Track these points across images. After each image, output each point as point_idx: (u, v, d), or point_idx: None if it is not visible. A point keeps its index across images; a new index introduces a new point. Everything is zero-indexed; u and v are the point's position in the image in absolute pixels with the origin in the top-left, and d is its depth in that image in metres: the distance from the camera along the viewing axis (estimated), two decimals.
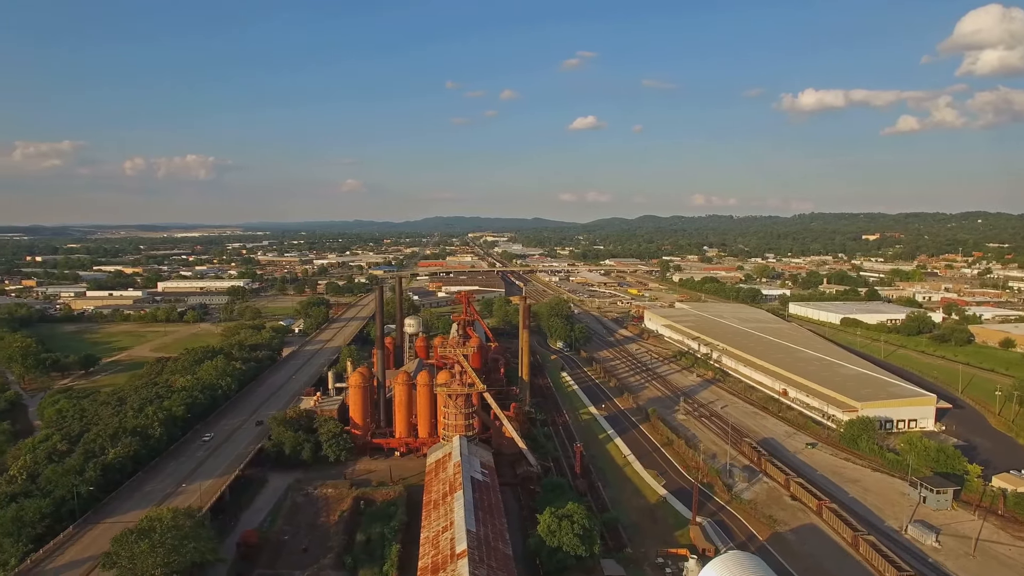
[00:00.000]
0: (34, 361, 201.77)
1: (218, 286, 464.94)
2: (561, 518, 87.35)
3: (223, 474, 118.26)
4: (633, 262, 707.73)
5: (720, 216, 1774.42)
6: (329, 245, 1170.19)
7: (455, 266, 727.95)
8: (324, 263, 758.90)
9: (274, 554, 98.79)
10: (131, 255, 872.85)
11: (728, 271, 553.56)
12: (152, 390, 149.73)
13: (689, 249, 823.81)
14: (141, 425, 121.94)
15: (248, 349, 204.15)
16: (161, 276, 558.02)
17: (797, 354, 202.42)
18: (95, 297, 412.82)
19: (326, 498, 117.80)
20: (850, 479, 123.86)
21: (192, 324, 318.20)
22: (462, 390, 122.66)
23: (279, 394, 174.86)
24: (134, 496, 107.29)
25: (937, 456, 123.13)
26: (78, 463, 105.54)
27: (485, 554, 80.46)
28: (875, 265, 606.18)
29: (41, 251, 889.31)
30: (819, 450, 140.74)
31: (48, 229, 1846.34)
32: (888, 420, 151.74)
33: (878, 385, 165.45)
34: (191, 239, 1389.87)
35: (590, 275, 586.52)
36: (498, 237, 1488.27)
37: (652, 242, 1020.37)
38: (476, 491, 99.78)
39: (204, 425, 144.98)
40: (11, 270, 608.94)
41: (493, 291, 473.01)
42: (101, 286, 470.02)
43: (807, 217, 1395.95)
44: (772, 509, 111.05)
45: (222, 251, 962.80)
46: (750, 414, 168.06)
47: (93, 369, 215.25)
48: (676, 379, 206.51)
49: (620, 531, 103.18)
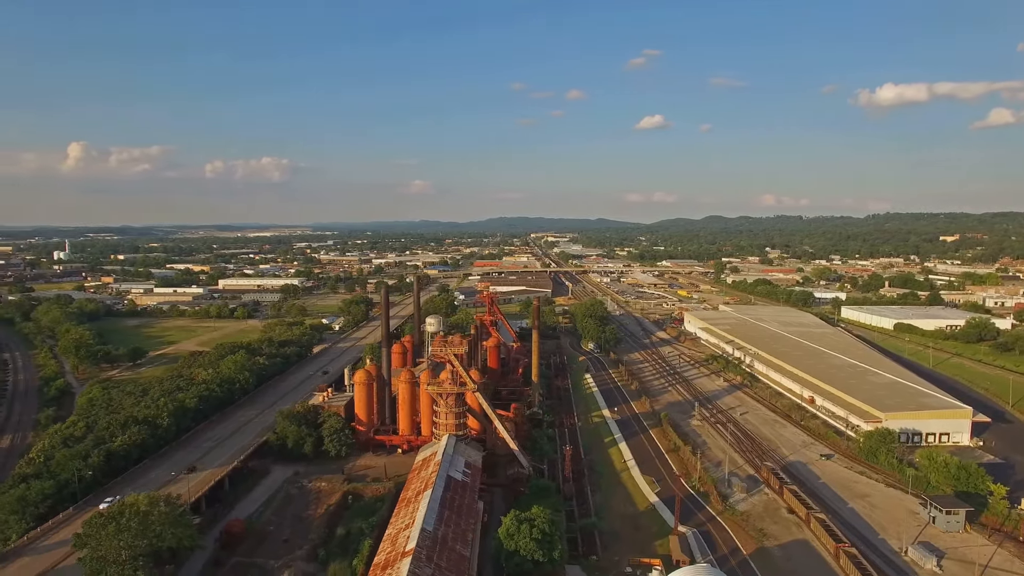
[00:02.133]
0: (86, 353, 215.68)
1: (273, 284, 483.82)
2: (521, 521, 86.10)
3: (224, 465, 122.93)
4: (690, 263, 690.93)
5: (788, 217, 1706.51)
6: (391, 245, 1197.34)
7: (508, 266, 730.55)
8: (382, 262, 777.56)
9: (256, 543, 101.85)
10: (203, 254, 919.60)
11: (786, 273, 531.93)
12: (174, 382, 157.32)
13: (750, 250, 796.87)
14: (151, 415, 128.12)
15: (277, 345, 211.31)
16: (225, 274, 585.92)
17: (830, 360, 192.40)
18: (161, 293, 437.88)
19: (318, 491, 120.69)
20: (859, 494, 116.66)
21: (241, 320, 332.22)
22: (452, 389, 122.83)
23: (300, 389, 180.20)
24: (137, 482, 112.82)
25: (958, 474, 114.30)
26: (86, 448, 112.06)
27: (437, 554, 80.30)
28: (949, 268, 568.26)
29: (125, 250, 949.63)
30: (835, 462, 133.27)
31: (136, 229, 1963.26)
32: (916, 432, 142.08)
33: (909, 395, 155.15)
34: (262, 239, 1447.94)
35: (642, 276, 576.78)
36: (559, 238, 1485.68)
37: (714, 243, 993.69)
38: (450, 490, 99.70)
39: (221, 416, 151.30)
40: (94, 267, 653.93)
41: (539, 291, 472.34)
42: (168, 283, 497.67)
43: (881, 217, 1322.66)
44: (765, 522, 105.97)
45: (287, 250, 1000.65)
46: (769, 422, 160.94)
47: (140, 361, 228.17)
48: (702, 383, 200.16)
49: (595, 538, 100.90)
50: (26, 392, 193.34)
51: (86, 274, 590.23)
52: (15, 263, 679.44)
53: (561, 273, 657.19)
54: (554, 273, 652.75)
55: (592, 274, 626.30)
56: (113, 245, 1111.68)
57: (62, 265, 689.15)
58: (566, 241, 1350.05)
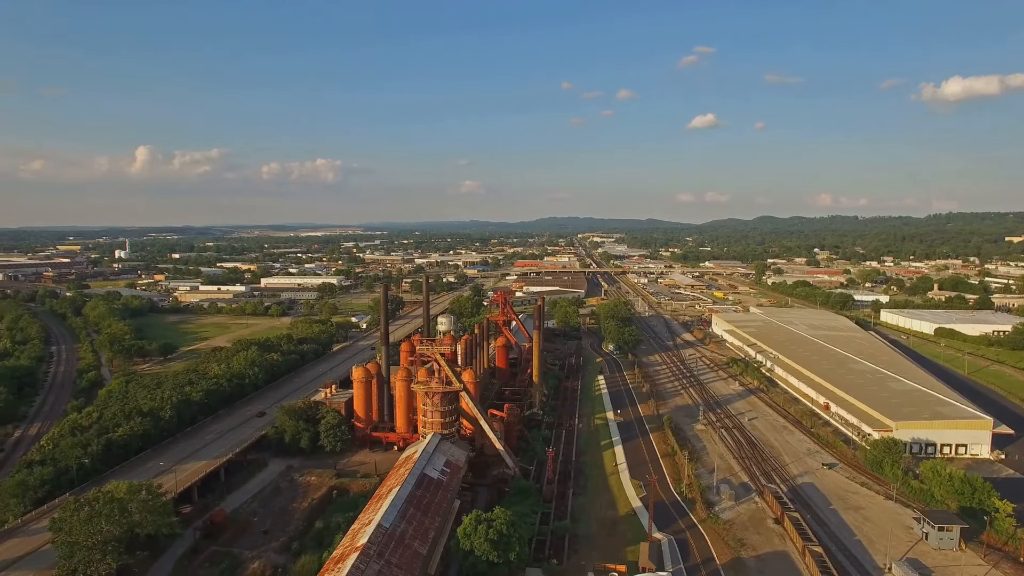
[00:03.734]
0: (119, 347, 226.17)
1: (311, 283, 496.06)
2: (480, 521, 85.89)
3: (219, 457, 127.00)
4: (733, 264, 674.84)
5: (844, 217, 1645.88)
6: (436, 245, 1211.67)
7: (547, 266, 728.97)
8: (425, 262, 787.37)
9: (237, 533, 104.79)
10: (254, 253, 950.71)
11: (831, 275, 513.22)
12: (187, 376, 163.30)
13: (798, 251, 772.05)
14: (155, 407, 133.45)
15: (296, 342, 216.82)
16: (269, 273, 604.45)
17: (851, 365, 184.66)
18: (204, 291, 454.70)
19: (307, 485, 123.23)
20: (853, 506, 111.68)
21: (274, 318, 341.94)
22: (438, 388, 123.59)
23: (311, 385, 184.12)
24: (135, 470, 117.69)
25: (961, 488, 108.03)
26: (88, 438, 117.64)
27: (390, 550, 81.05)
28: (1012, 270, 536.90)
29: (181, 249, 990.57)
30: (837, 472, 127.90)
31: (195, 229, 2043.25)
32: (929, 443, 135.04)
33: (926, 403, 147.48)
34: (313, 238, 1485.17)
35: (679, 277, 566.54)
36: (605, 238, 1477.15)
37: (763, 244, 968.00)
38: (420, 488, 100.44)
39: (228, 410, 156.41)
40: (149, 266, 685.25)
41: (573, 292, 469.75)
42: (213, 281, 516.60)
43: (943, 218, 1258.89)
44: (747, 532, 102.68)
45: (334, 250, 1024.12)
46: (778, 428, 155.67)
47: (171, 356, 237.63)
48: (717, 387, 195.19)
49: (565, 541, 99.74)
50: (63, 383, 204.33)
51: (141, 272, 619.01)
52: (79, 261, 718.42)
53: (599, 274, 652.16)
54: (592, 274, 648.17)
55: (630, 275, 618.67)
56: (171, 244, 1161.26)
57: (121, 263, 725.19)
58: (612, 242, 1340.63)
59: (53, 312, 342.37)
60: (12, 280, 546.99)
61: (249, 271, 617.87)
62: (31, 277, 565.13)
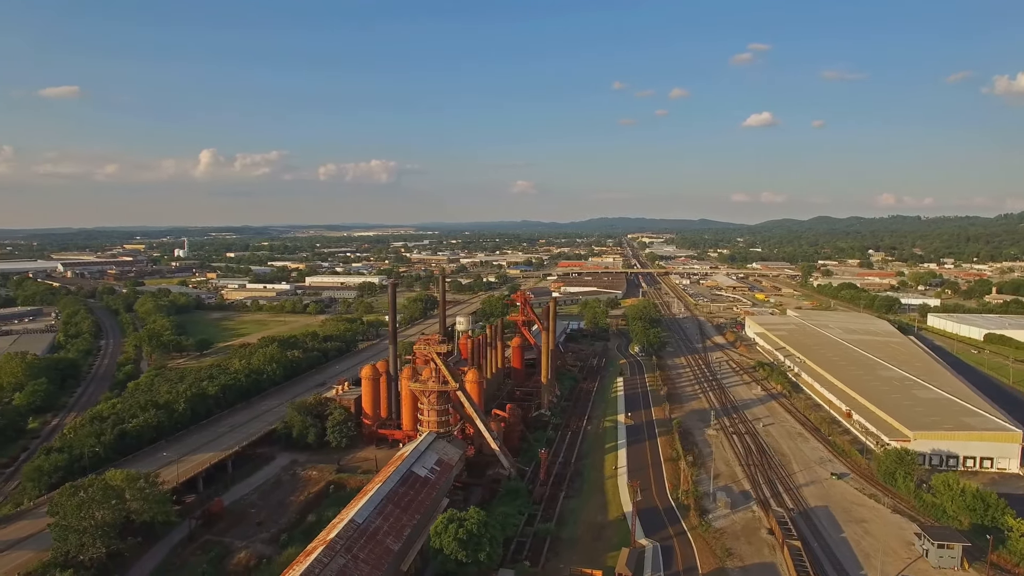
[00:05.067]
0: (158, 343, 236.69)
1: (353, 282, 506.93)
2: (451, 520, 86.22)
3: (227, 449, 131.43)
4: (780, 266, 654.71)
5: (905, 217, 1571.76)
6: (484, 245, 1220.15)
7: (590, 267, 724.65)
8: (469, 262, 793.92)
9: (232, 523, 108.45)
10: (305, 252, 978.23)
11: (883, 277, 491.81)
12: (209, 371, 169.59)
13: (851, 253, 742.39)
14: (170, 400, 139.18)
15: (321, 340, 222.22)
16: (317, 272, 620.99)
17: (880, 371, 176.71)
18: (251, 289, 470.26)
19: (308, 479, 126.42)
20: (857, 519, 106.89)
21: (312, 316, 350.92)
22: (434, 387, 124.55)
23: (331, 381, 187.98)
24: (145, 460, 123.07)
25: (973, 503, 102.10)
26: (103, 427, 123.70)
27: (359, 545, 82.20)
28: None
29: (237, 248, 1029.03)
30: (847, 482, 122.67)
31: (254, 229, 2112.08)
32: (951, 455, 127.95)
33: (953, 413, 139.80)
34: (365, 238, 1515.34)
35: (722, 279, 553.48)
36: (654, 238, 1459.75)
37: (816, 244, 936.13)
38: (404, 485, 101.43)
39: (245, 404, 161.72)
40: (204, 264, 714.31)
41: (610, 292, 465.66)
42: (260, 279, 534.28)
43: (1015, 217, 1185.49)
44: (737, 542, 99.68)
45: (383, 249, 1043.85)
46: (793, 435, 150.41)
47: (206, 352, 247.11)
48: (738, 391, 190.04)
49: (546, 543, 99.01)
50: (104, 376, 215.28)
51: (196, 270, 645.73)
52: (140, 260, 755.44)
53: (641, 275, 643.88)
54: (634, 275, 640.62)
55: (673, 276, 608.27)
56: (228, 243, 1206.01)
57: (179, 262, 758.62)
58: (661, 242, 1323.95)
59: (108, 308, 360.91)
60: (79, 277, 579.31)
61: (296, 270, 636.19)
62: (96, 275, 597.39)
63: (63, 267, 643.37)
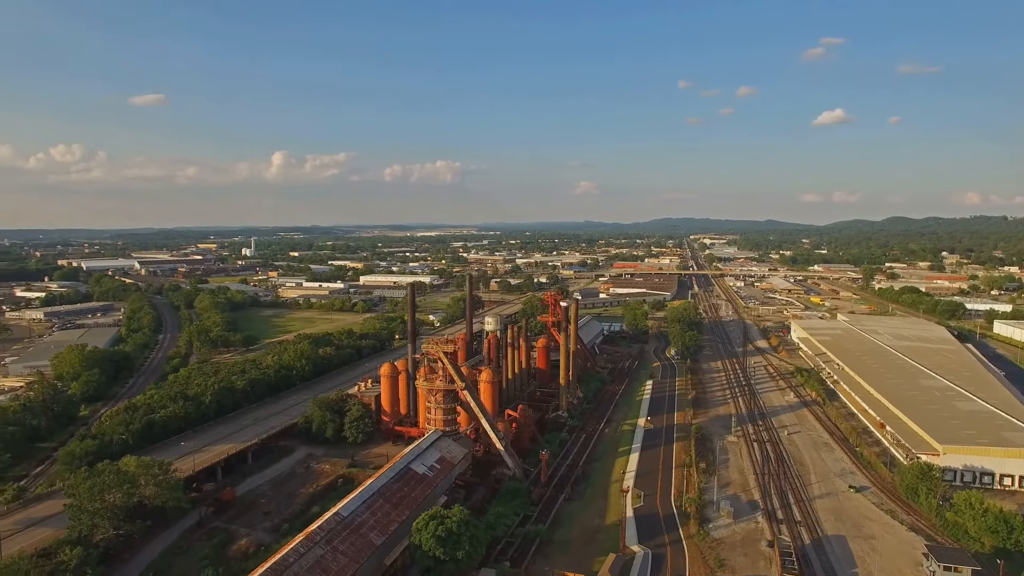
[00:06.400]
0: (206, 338, 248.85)
1: (404, 281, 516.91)
2: (432, 517, 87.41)
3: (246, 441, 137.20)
4: (843, 268, 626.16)
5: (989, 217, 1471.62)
6: (542, 245, 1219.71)
7: (645, 268, 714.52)
8: (524, 262, 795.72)
9: (241, 512, 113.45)
10: (366, 252, 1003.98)
11: (953, 280, 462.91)
12: (241, 366, 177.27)
13: (922, 255, 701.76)
14: (198, 392, 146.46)
15: (357, 337, 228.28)
16: (373, 271, 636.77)
17: (922, 380, 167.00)
18: (307, 288, 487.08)
19: (320, 473, 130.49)
20: (867, 535, 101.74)
21: (359, 314, 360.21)
22: (441, 386, 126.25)
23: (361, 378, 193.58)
24: (169, 448, 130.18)
25: (995, 525, 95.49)
26: (133, 417, 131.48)
27: (340, 537, 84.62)
28: None
29: (302, 247, 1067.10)
30: (866, 496, 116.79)
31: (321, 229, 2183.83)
32: (986, 472, 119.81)
33: (995, 427, 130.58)
34: (428, 238, 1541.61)
35: (778, 281, 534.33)
36: (716, 239, 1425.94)
37: (886, 246, 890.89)
38: (399, 481, 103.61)
39: (274, 399, 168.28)
40: (267, 263, 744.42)
41: (659, 294, 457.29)
42: (317, 278, 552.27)
43: None
44: (733, 553, 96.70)
45: (441, 249, 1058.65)
46: (818, 445, 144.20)
47: (252, 347, 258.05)
48: (770, 398, 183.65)
49: (534, 545, 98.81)
50: (155, 369, 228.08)
51: (259, 269, 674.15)
52: (208, 259, 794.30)
53: (695, 276, 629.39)
54: (688, 276, 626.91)
55: (727, 278, 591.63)
56: (293, 243, 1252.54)
57: (245, 261, 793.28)
58: (723, 243, 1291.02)
59: (171, 304, 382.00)
60: (151, 275, 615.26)
61: (353, 269, 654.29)
62: (167, 272, 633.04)
63: (139, 265, 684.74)
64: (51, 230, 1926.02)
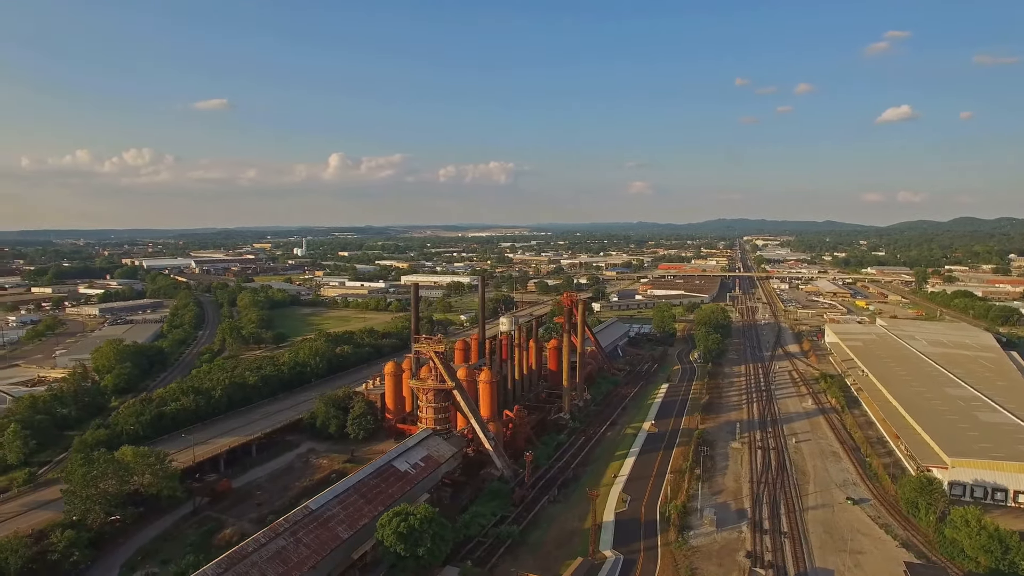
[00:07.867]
0: (238, 335, 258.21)
1: (443, 281, 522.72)
2: (396, 514, 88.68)
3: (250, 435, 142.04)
4: (898, 271, 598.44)
5: None
6: (590, 246, 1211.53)
7: (689, 270, 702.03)
8: (569, 263, 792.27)
9: (235, 502, 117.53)
10: (413, 252, 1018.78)
11: (1016, 284, 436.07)
12: (257, 362, 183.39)
13: (987, 257, 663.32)
14: (209, 387, 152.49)
15: (378, 336, 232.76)
16: (418, 271, 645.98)
17: (948, 389, 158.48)
18: (348, 287, 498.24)
19: (318, 467, 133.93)
20: (853, 549, 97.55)
21: (392, 313, 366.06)
22: (432, 384, 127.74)
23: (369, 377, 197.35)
24: (177, 440, 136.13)
25: (989, 544, 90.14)
26: (146, 408, 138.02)
27: (306, 530, 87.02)
28: None
29: (352, 247, 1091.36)
30: (862, 509, 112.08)
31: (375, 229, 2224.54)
32: (999, 488, 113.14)
33: (1014, 440, 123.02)
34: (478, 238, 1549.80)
35: (825, 284, 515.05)
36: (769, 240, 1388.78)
37: (949, 248, 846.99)
38: (379, 478, 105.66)
39: (288, 394, 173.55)
40: (315, 262, 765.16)
41: (698, 296, 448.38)
42: (361, 277, 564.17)
43: None
44: (707, 562, 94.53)
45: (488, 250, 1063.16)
46: (825, 454, 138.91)
47: (282, 344, 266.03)
48: (787, 404, 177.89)
49: (503, 546, 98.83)
50: (188, 364, 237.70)
51: (306, 268, 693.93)
52: (260, 258, 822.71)
53: (740, 278, 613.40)
54: (732, 278, 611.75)
55: (773, 280, 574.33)
56: (343, 243, 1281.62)
57: (295, 260, 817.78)
58: (776, 244, 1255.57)
59: (216, 302, 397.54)
60: (204, 273, 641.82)
61: (397, 269, 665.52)
62: (220, 271, 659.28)
63: (195, 264, 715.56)
64: (121, 230, 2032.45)
